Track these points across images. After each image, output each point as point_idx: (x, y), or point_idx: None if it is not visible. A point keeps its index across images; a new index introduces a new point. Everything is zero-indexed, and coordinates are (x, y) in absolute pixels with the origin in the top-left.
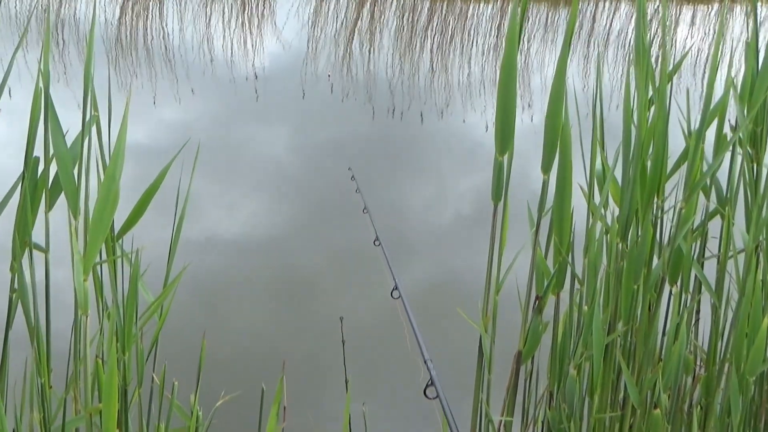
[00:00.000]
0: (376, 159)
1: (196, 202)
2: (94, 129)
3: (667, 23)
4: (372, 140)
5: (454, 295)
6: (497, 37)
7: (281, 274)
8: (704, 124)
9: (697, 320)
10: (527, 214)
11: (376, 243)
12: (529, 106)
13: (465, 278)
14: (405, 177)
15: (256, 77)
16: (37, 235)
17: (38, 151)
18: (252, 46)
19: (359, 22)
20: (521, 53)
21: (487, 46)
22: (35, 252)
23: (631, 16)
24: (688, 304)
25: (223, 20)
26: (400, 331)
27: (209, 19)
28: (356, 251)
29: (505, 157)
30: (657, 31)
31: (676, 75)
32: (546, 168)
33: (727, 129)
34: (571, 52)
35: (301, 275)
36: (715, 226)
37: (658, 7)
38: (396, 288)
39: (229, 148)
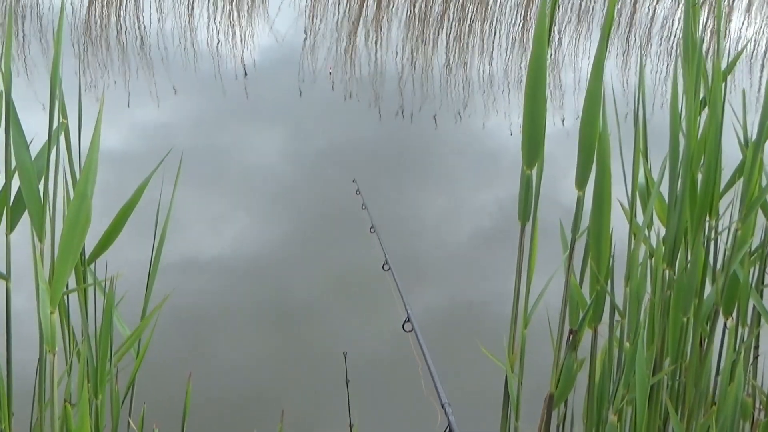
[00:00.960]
0: (385, 169)
1: (178, 218)
2: (62, 138)
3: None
4: (379, 147)
5: (474, 327)
6: (523, 27)
7: (276, 302)
8: (764, 131)
9: (756, 357)
10: (559, 234)
11: (385, 267)
12: (560, 106)
13: (487, 307)
14: (418, 190)
15: (246, 74)
16: None
17: None
18: (241, 38)
19: (364, 10)
20: (551, 46)
21: (511, 38)
22: None
23: (679, 3)
24: (745, 339)
25: (208, 9)
26: (413, 369)
27: (192, 7)
28: (362, 276)
29: (534, 170)
30: (709, 20)
31: (731, 73)
32: (581, 183)
33: None
34: (609, 45)
35: (299, 304)
36: None
37: None
38: (408, 320)
39: (215, 155)
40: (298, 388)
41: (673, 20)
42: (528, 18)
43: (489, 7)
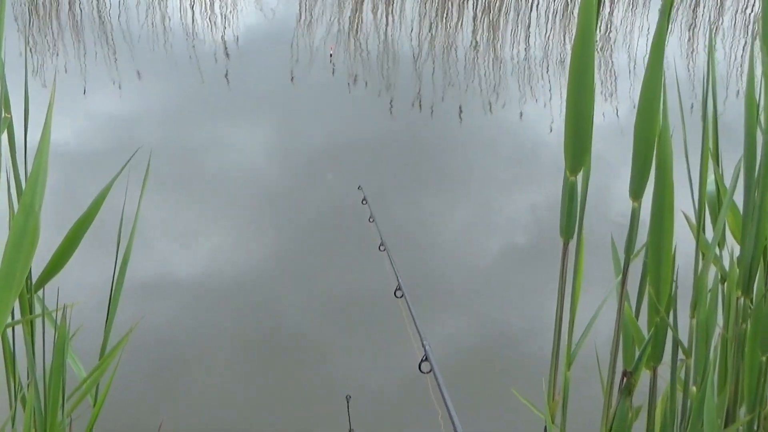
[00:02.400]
0: (398, 172)
1: (145, 230)
2: (4, 136)
3: None
4: (391, 145)
5: (506, 366)
6: None
7: (264, 334)
8: None
9: None
10: (610, 252)
11: (398, 293)
12: (611, 94)
13: (521, 341)
14: (437, 197)
15: (228, 55)
16: None
17: None
18: (221, 10)
19: None
20: (601, 20)
21: (552, 10)
22: None
23: None
24: None
25: None
26: (431, 418)
27: None
28: (369, 304)
29: (579, 176)
30: None
31: None
32: (636, 192)
33: None
34: (671, 20)
35: (292, 336)
36: None
37: None
38: (426, 358)
39: (189, 154)
40: None
41: None
42: None
43: None
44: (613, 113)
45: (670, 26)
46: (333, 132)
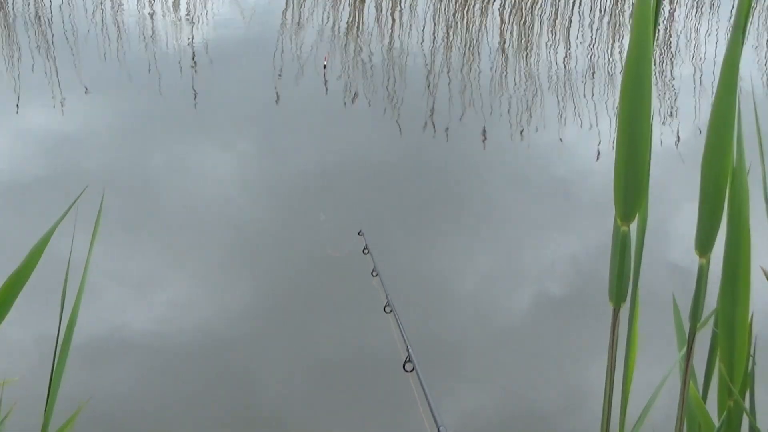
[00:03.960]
0: (405, 211)
1: (90, 277)
2: None
3: None
4: (397, 177)
5: None
6: None
7: (237, 409)
8: None
9: None
10: (671, 314)
11: (407, 366)
12: (671, 113)
13: (553, 418)
14: (454, 240)
15: (195, 64)
16: None
17: None
18: (188, 8)
19: None
20: (660, 24)
21: (598, 10)
22: None
23: None
24: None
25: None
26: None
27: None
28: (371, 378)
29: (634, 225)
30: None
31: None
32: (704, 247)
33: None
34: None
35: (272, 408)
36: None
37: None
38: None
39: (145, 184)
40: None
41: None
42: None
43: None
44: (672, 136)
45: (746, 32)
46: (326, 160)
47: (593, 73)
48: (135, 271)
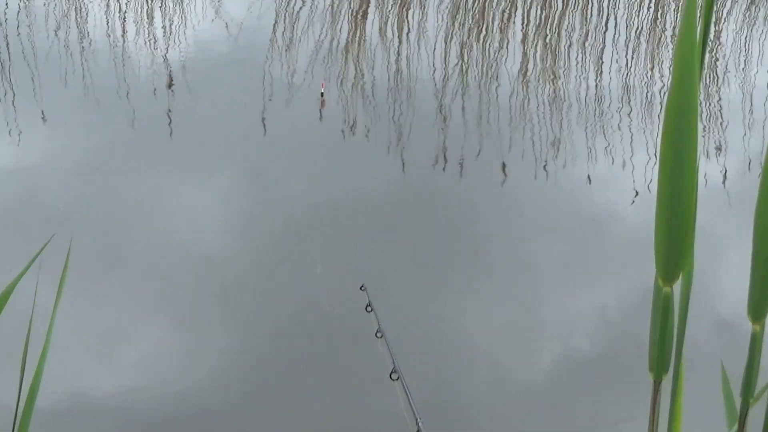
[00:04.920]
0: (413, 258)
1: (53, 338)
2: None
3: None
4: (404, 218)
5: None
6: (656, 6)
7: None
8: None
9: None
10: (720, 386)
11: None
12: (718, 149)
13: None
14: (469, 291)
15: (172, 88)
16: None
17: None
18: (164, 25)
19: None
20: (710, 43)
21: (635, 28)
22: None
23: None
24: None
25: None
26: None
27: None
28: None
29: (678, 284)
30: None
31: None
32: (757, 312)
33: None
34: None
35: None
36: None
37: None
38: None
39: (112, 225)
40: None
41: None
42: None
43: None
44: (719, 173)
45: None
46: (321, 200)
47: (628, 100)
48: (100, 324)
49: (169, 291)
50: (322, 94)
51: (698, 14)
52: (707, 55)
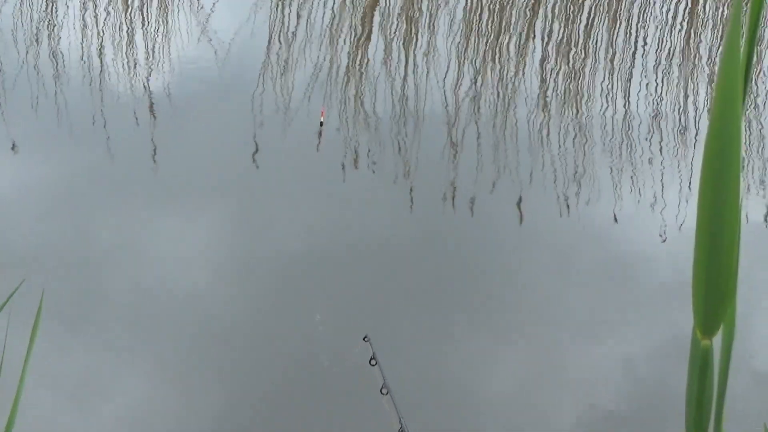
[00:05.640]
0: (422, 307)
1: (13, 379)
2: None
3: None
4: (412, 261)
5: None
6: (688, 24)
7: None
8: None
9: None
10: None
11: None
12: (760, 182)
13: None
14: (481, 340)
15: (154, 115)
16: None
17: None
18: (146, 43)
19: None
20: (755, 71)
21: (666, 47)
22: None
23: None
24: None
25: None
26: None
27: None
28: None
29: (718, 338)
30: None
31: None
32: None
33: None
34: None
35: None
36: None
37: None
38: None
39: (90, 268)
40: None
41: None
42: (696, 14)
43: None
44: (761, 209)
45: None
46: (319, 240)
47: (659, 129)
48: (73, 376)
49: (151, 342)
50: (321, 123)
51: (742, 35)
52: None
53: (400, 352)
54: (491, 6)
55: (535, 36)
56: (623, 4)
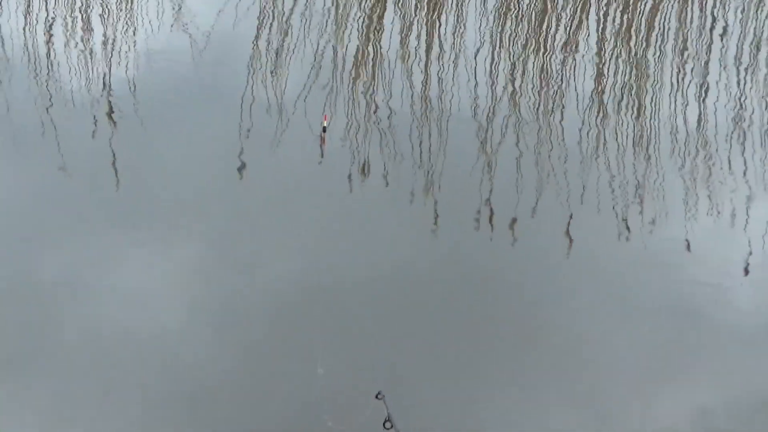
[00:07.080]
0: (446, 354)
1: None
2: None
3: None
4: (435, 297)
5: None
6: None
7: None
8: None
9: None
10: None
11: None
12: None
13: None
14: (518, 395)
15: (114, 120)
16: None
17: None
18: (106, 34)
19: None
20: None
21: (750, 37)
22: None
23: None
24: None
25: None
26: None
27: None
28: None
29: None
30: None
31: None
32: None
33: None
34: None
35: None
36: None
37: None
38: None
39: (39, 306)
40: None
41: None
42: None
43: None
44: None
45: None
46: (322, 273)
47: (741, 137)
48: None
49: (109, 400)
50: (324, 129)
51: None
52: None
53: (421, 412)
54: None
55: (588, 20)
56: None
